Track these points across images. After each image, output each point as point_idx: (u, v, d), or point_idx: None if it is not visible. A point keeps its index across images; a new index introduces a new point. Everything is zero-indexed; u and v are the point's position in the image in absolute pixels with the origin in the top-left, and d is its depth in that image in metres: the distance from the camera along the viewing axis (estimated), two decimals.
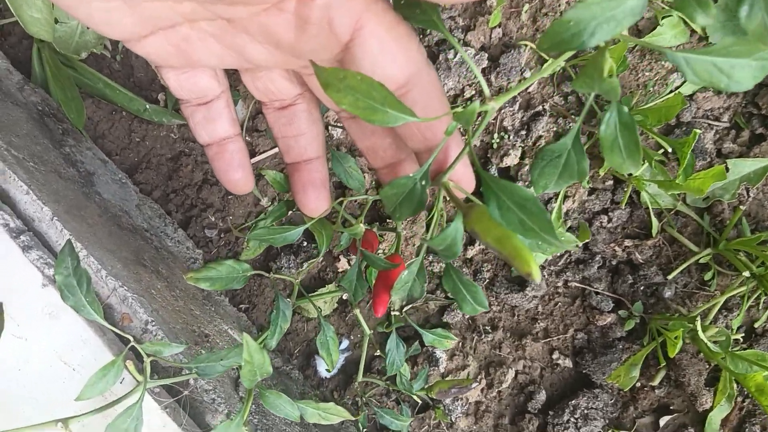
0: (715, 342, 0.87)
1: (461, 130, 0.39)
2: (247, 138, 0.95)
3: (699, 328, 0.85)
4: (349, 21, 0.33)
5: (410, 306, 0.98)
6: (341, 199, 0.66)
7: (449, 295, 0.98)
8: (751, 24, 0.27)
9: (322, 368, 0.93)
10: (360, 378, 0.81)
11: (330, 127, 0.97)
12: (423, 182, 0.38)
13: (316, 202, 0.45)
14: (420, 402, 0.93)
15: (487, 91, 0.36)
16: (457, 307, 0.68)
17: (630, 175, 0.96)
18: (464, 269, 0.98)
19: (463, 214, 0.37)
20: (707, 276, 0.96)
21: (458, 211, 0.37)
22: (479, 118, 1.04)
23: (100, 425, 0.57)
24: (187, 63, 0.38)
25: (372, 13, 0.33)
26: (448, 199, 0.41)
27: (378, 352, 0.94)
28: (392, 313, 0.96)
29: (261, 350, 0.57)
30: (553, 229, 0.31)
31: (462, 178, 0.39)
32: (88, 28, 0.94)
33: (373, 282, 0.67)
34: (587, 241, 0.98)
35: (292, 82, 0.42)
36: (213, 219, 0.94)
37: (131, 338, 0.58)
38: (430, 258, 0.97)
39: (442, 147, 0.39)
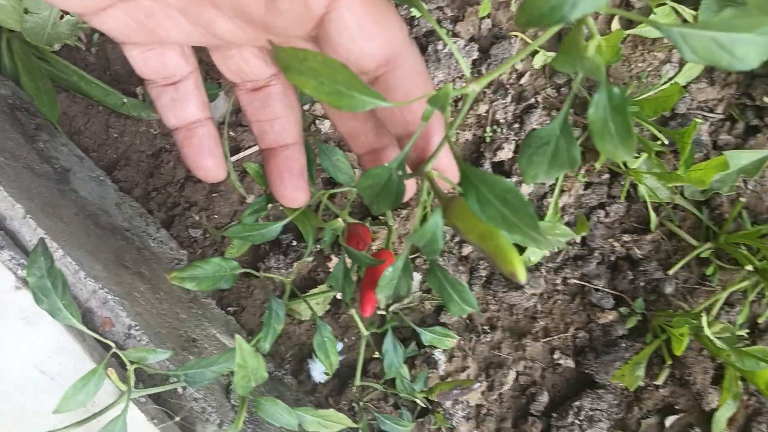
0: (720, 338, 0.84)
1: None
2: (230, 133, 0.90)
3: (705, 324, 0.82)
4: None
5: (405, 306, 0.95)
6: (324, 191, 0.62)
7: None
8: None
9: (316, 373, 0.89)
10: (357, 382, 0.77)
11: (317, 121, 0.93)
12: (400, 172, 0.35)
13: (293, 191, 0.43)
14: (419, 407, 0.89)
15: (467, 72, 0.33)
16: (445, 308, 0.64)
17: (627, 167, 0.93)
18: (460, 267, 0.94)
19: (444, 208, 0.34)
20: (708, 271, 0.93)
21: (437, 205, 0.34)
22: (460, 103, 1.01)
23: None
24: (151, 39, 0.35)
25: None
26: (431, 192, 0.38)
27: (375, 354, 0.90)
28: (378, 312, 0.92)
29: (255, 354, 0.53)
30: (537, 224, 0.28)
31: (448, 167, 0.36)
32: (61, 18, 0.89)
33: (361, 283, 0.63)
34: (585, 236, 0.96)
35: (266, 62, 0.39)
36: (197, 218, 0.89)
37: (113, 344, 0.53)
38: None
39: (423, 134, 0.36)
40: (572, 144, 0.35)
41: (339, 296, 0.91)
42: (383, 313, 0.93)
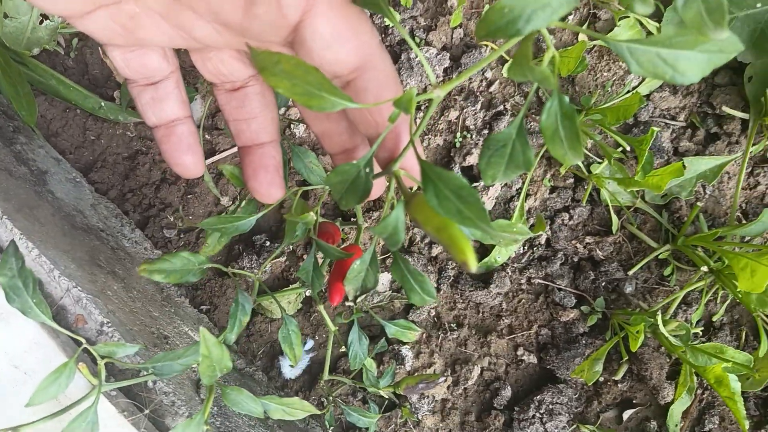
0: (675, 336, 0.88)
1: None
2: (206, 136, 0.93)
3: (660, 322, 0.86)
4: (298, 2, 0.32)
5: (375, 305, 0.98)
6: (297, 189, 0.64)
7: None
8: (687, 13, 0.26)
9: (287, 369, 0.92)
10: (326, 376, 0.79)
11: (292, 125, 0.96)
12: (367, 170, 0.37)
13: (268, 187, 0.44)
14: (387, 400, 0.92)
15: (433, 79, 0.36)
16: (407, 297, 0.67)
17: (590, 173, 0.97)
18: (429, 267, 0.98)
19: (406, 203, 0.36)
20: (666, 271, 0.97)
21: (400, 199, 0.37)
22: (425, 107, 1.04)
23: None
24: (133, 42, 0.36)
25: None
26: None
27: (343, 349, 0.93)
28: (346, 305, 0.95)
29: (219, 344, 0.56)
30: (487, 217, 0.30)
31: (414, 167, 0.39)
32: (41, 23, 0.91)
33: (329, 274, 0.66)
34: (549, 238, 0.99)
35: (244, 64, 0.41)
36: (172, 219, 0.92)
37: (84, 341, 0.56)
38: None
39: (392, 135, 0.39)
40: (526, 147, 0.37)
41: (309, 293, 0.94)
42: (351, 304, 0.96)
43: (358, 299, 0.90)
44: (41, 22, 0.91)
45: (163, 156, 0.42)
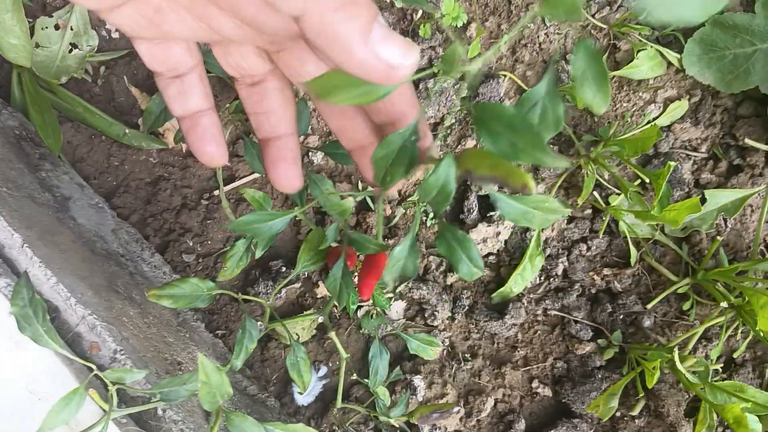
0: (694, 372, 0.87)
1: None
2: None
3: (676, 358, 0.85)
4: None
5: (389, 333, 0.98)
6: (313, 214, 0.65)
7: (441, 254, 0.97)
8: None
9: (299, 396, 0.92)
10: (338, 404, 0.80)
11: (310, 153, 0.97)
12: (413, 138, 0.39)
13: (287, 178, 0.46)
14: (398, 430, 0.92)
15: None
16: (453, 269, 0.64)
17: (608, 204, 0.96)
18: (443, 296, 0.98)
19: (455, 157, 0.37)
20: (686, 306, 0.96)
21: (447, 153, 0.37)
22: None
23: None
24: (159, 34, 0.38)
25: None
26: None
27: (355, 376, 0.94)
28: (362, 333, 0.96)
29: (218, 370, 0.56)
30: (543, 144, 0.31)
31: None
32: (70, 51, 0.94)
33: (360, 268, 0.65)
34: (566, 269, 0.98)
35: (263, 59, 0.43)
36: (191, 244, 0.93)
37: (95, 366, 0.57)
38: (409, 284, 0.96)
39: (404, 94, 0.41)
40: (557, 105, 0.38)
41: (321, 320, 0.95)
42: (366, 330, 0.97)
43: (398, 288, 0.89)
44: (70, 51, 0.94)
45: (189, 147, 0.45)
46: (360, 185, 0.98)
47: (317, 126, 0.98)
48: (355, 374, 0.94)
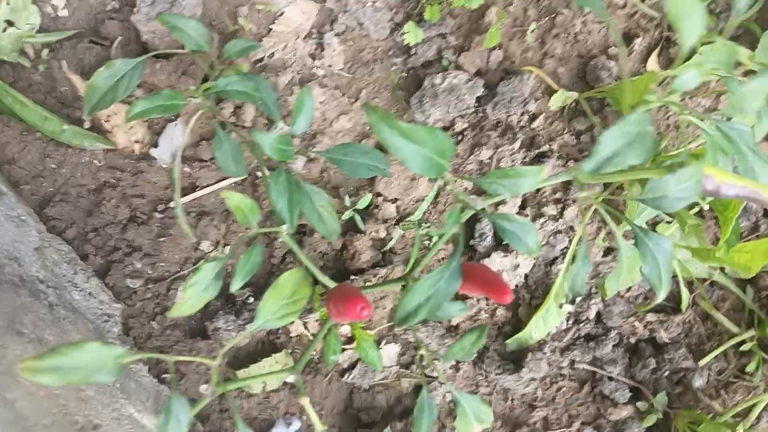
0: None
1: None
2: (186, 169, 0.78)
3: None
4: None
5: (378, 383, 0.80)
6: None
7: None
8: None
9: None
10: None
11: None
12: None
13: None
14: None
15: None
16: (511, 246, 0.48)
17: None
18: (446, 339, 0.80)
19: None
20: (750, 365, 0.77)
21: None
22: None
23: None
24: None
25: None
26: None
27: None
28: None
29: None
30: None
31: None
32: (3, 30, 0.78)
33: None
34: (601, 312, 0.80)
35: None
36: (140, 266, 0.77)
37: None
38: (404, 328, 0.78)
39: None
40: None
41: (291, 378, 0.77)
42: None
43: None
44: (5, 30, 0.78)
45: None
46: (348, 200, 0.81)
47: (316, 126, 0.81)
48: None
